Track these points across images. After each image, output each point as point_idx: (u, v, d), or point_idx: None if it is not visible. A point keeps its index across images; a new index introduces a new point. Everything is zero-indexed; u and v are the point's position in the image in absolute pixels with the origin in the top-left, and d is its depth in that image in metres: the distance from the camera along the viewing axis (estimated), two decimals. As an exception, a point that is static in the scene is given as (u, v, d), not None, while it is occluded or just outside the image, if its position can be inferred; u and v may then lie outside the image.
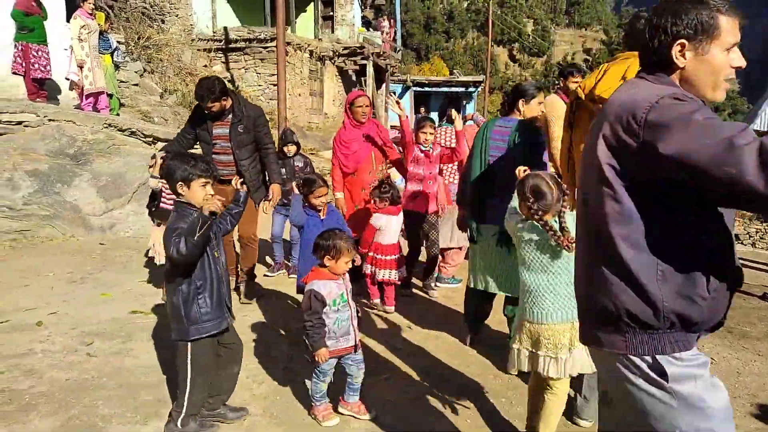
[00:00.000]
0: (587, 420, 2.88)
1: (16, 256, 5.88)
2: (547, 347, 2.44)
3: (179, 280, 2.60)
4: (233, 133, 4.46)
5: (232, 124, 4.45)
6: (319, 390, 2.89)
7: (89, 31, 8.26)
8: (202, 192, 2.62)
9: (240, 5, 16.66)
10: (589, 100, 2.71)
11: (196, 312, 2.62)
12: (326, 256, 2.80)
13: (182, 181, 2.60)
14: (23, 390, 3.12)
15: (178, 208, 2.63)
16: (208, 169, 2.65)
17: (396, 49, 22.48)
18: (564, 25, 50.30)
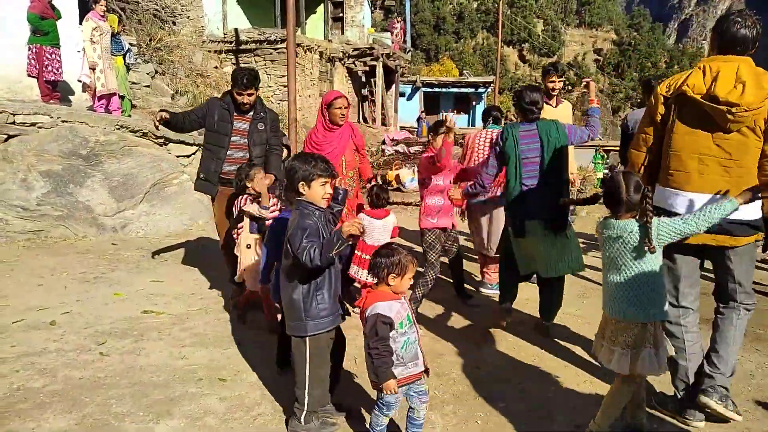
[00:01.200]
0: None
1: (31, 255, 5.95)
2: (623, 342, 2.53)
3: (300, 277, 2.65)
4: (253, 128, 4.49)
5: (253, 119, 4.48)
6: (380, 424, 2.61)
7: (101, 33, 8.35)
8: (322, 191, 2.70)
9: (250, 7, 16.74)
10: (708, 101, 2.69)
11: (315, 308, 2.67)
12: (390, 274, 2.54)
13: (303, 181, 2.67)
14: (38, 388, 3.15)
15: (300, 207, 2.68)
16: (327, 169, 2.71)
17: (406, 49, 22.48)
18: (574, 25, 50.07)
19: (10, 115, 7.06)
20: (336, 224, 2.91)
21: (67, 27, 8.66)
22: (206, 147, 4.56)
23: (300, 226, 2.59)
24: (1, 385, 3.17)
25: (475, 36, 44.19)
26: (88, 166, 7.11)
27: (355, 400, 3.11)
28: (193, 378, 3.36)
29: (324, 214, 2.71)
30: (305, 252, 2.51)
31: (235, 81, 4.30)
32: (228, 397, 3.16)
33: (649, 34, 48.20)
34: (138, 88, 11.06)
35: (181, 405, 3.05)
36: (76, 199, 6.85)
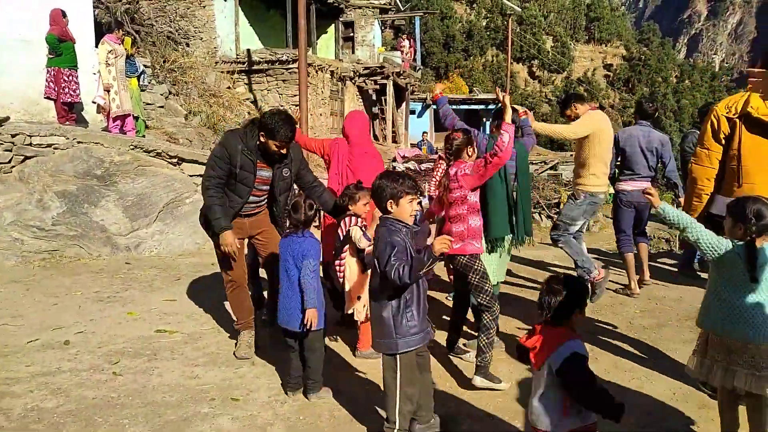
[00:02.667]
0: None
1: (46, 275, 6.00)
2: (750, 363, 2.56)
3: (390, 294, 2.68)
4: (278, 176, 3.90)
5: (276, 167, 3.87)
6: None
7: (116, 56, 8.50)
8: (410, 208, 2.74)
9: (262, 28, 16.98)
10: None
11: (404, 325, 2.68)
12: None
13: (392, 198, 2.71)
14: (51, 408, 3.16)
15: (387, 223, 2.72)
16: (415, 186, 2.77)
17: (416, 67, 22.64)
18: (584, 41, 50.13)
19: (27, 136, 7.18)
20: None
21: (83, 49, 8.82)
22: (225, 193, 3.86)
23: (389, 243, 2.62)
24: (16, 405, 3.19)
25: (485, 53, 44.40)
26: (103, 186, 7.19)
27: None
28: (206, 398, 3.36)
29: (410, 231, 2.75)
30: (394, 270, 2.54)
31: (275, 133, 3.58)
32: (240, 417, 3.15)
33: (659, 49, 48.17)
34: (152, 108, 11.21)
35: (193, 425, 3.04)
36: (90, 218, 6.92)
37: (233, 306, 4.09)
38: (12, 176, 6.96)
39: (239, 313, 4.04)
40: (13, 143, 7.06)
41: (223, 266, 3.98)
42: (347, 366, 3.87)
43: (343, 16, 19.20)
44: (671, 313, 4.98)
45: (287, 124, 3.60)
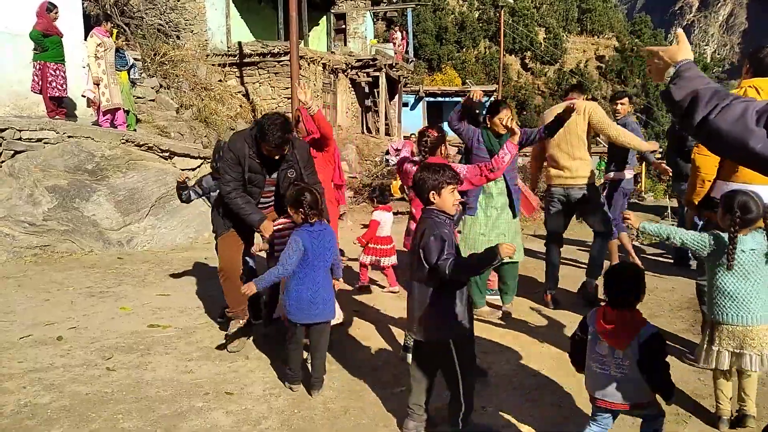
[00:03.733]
0: None
1: (38, 270, 5.97)
2: (753, 346, 2.76)
3: (437, 284, 2.71)
4: (283, 179, 3.84)
5: (281, 170, 3.82)
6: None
7: (105, 49, 8.42)
8: (452, 198, 2.77)
9: (254, 20, 16.87)
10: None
11: (452, 313, 2.72)
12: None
13: (433, 190, 2.74)
14: (45, 404, 3.15)
15: (432, 215, 2.76)
16: (455, 176, 2.80)
17: (408, 60, 22.57)
18: (576, 32, 50.04)
19: (16, 131, 7.12)
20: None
21: (71, 42, 8.73)
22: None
23: (437, 236, 2.65)
24: (9, 401, 3.17)
25: (477, 45, 44.26)
26: (94, 181, 7.14)
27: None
28: (200, 392, 3.36)
29: (452, 221, 2.81)
30: (448, 264, 2.59)
31: (265, 137, 3.54)
32: (234, 411, 3.15)
33: (651, 40, 48.21)
34: (143, 102, 11.14)
35: (188, 419, 3.04)
36: (82, 213, 6.88)
37: (227, 292, 3.98)
38: (2, 171, 6.91)
39: (232, 302, 3.96)
40: (3, 138, 7.00)
41: (219, 252, 4.02)
42: (340, 358, 3.88)
43: (335, 8, 19.11)
44: (664, 304, 5.02)
45: (279, 128, 3.50)
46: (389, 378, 3.59)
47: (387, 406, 3.22)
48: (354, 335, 4.34)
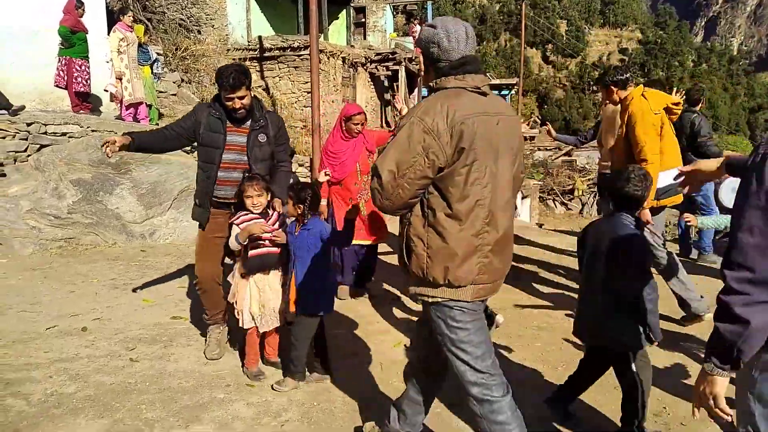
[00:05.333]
0: None
1: (63, 263, 6.07)
2: None
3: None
4: (252, 142, 3.56)
5: (252, 130, 3.56)
6: None
7: (128, 44, 8.51)
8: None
9: (274, 15, 16.92)
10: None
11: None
12: None
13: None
14: (71, 394, 3.21)
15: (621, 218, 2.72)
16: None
17: (428, 53, 22.47)
18: (598, 25, 49.44)
19: (42, 125, 7.24)
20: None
21: (95, 38, 8.85)
22: (198, 165, 3.64)
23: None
24: (36, 390, 3.24)
25: (498, 38, 43.97)
26: (117, 174, 7.24)
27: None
28: (221, 384, 3.40)
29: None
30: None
31: (218, 82, 3.39)
32: (255, 403, 3.18)
33: (676, 32, 47.36)
34: (165, 96, 11.25)
35: (209, 411, 3.08)
36: (105, 206, 6.98)
37: (205, 299, 3.82)
38: (28, 165, 7.03)
39: (210, 308, 3.83)
40: (29, 132, 7.13)
41: (196, 261, 3.78)
42: (361, 350, 3.89)
43: (355, 2, 19.08)
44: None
45: (234, 69, 3.37)
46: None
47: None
48: (375, 328, 4.35)
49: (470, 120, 2.03)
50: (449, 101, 2.04)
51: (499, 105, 2.21)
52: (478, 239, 2.09)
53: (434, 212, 2.09)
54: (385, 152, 2.10)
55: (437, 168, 2.03)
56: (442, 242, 2.06)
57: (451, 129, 2.00)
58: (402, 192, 2.05)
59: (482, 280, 2.13)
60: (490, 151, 2.09)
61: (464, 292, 2.11)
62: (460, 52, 2.13)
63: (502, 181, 2.14)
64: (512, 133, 2.21)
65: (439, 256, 2.08)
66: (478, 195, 2.07)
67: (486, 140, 2.07)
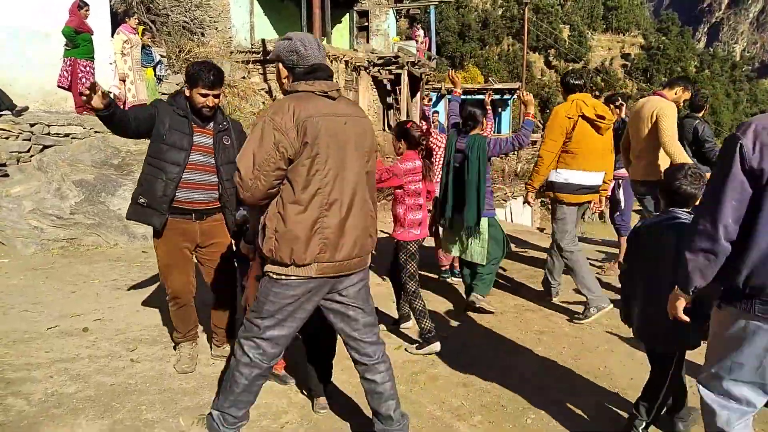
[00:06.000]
0: None
1: (65, 263, 6.08)
2: None
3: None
4: (218, 144, 3.45)
5: (217, 132, 3.46)
6: None
7: (132, 46, 8.55)
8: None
9: (277, 18, 16.97)
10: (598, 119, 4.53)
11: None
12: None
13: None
14: (71, 394, 3.21)
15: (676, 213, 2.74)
16: None
17: (431, 57, 22.50)
18: (601, 30, 49.49)
19: (45, 126, 7.27)
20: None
21: (99, 39, 8.88)
22: (151, 163, 3.36)
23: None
24: (37, 390, 3.24)
25: (501, 43, 44.05)
26: (120, 176, 7.26)
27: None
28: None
29: None
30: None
31: (197, 77, 3.26)
32: (255, 405, 3.16)
33: (679, 38, 47.37)
34: (168, 98, 11.27)
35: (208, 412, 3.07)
36: (107, 207, 7.00)
37: (175, 320, 3.65)
38: (31, 165, 7.06)
39: (182, 326, 3.66)
40: (32, 132, 7.15)
41: (162, 277, 3.54)
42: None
43: (358, 6, 19.11)
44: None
45: (210, 66, 3.32)
46: (408, 376, 3.59)
47: (406, 403, 3.22)
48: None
49: (314, 119, 2.32)
50: (296, 102, 2.34)
51: (349, 108, 2.53)
52: (318, 223, 2.36)
53: (282, 200, 2.36)
54: (243, 149, 2.36)
55: (288, 160, 2.31)
56: (286, 226, 2.34)
57: (297, 126, 2.29)
58: (260, 184, 2.31)
59: (324, 259, 2.39)
60: (335, 147, 2.39)
61: (309, 269, 2.37)
62: (314, 59, 2.47)
63: (348, 174, 2.44)
64: (362, 133, 2.53)
65: (284, 238, 2.34)
66: (319, 184, 2.35)
67: (331, 137, 2.37)
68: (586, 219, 9.88)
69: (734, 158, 1.95)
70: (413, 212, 4.00)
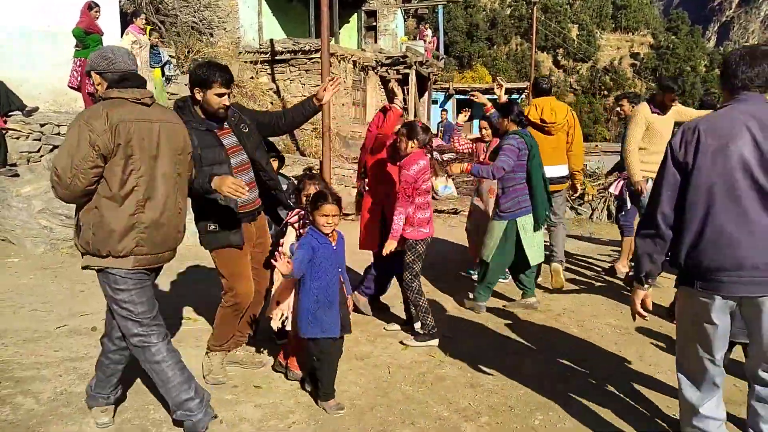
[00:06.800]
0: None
1: (73, 262, 6.12)
2: None
3: None
4: (241, 135, 3.34)
5: (234, 126, 3.34)
6: None
7: (140, 47, 8.59)
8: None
9: (285, 18, 16.99)
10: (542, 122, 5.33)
11: None
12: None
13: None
14: (80, 393, 3.23)
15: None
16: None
17: (438, 57, 22.46)
18: (610, 29, 49.12)
19: (55, 126, 7.32)
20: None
21: (108, 40, 8.93)
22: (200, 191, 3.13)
23: None
24: (46, 389, 3.27)
25: (509, 42, 43.87)
26: (129, 176, 7.30)
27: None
28: (229, 385, 3.40)
29: None
30: None
31: (211, 78, 3.14)
32: (263, 405, 3.18)
33: (688, 37, 46.98)
34: (177, 99, 11.30)
35: (217, 411, 3.08)
36: (116, 207, 7.03)
37: (219, 329, 3.46)
38: (41, 165, 7.11)
39: (220, 338, 3.48)
40: (42, 132, 7.20)
41: (229, 284, 3.35)
42: (366, 355, 3.88)
43: (366, 5, 19.11)
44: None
45: (221, 66, 3.24)
46: (415, 376, 3.58)
47: (413, 403, 3.21)
48: (382, 332, 4.34)
49: (125, 123, 2.51)
50: (109, 108, 2.53)
51: (163, 115, 2.73)
52: (134, 218, 2.56)
53: (99, 196, 2.54)
54: (59, 151, 2.55)
55: (104, 158, 2.49)
56: (103, 221, 2.52)
57: (109, 129, 2.47)
58: (79, 182, 2.48)
59: (141, 252, 2.60)
60: (148, 150, 2.58)
61: (126, 261, 2.59)
62: (124, 66, 2.65)
63: (161, 175, 2.63)
64: (175, 138, 2.72)
65: (101, 232, 2.53)
66: (134, 183, 2.55)
67: (144, 140, 2.57)
68: (594, 219, 9.81)
69: (667, 156, 2.34)
70: (422, 211, 4.00)
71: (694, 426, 2.43)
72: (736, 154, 2.17)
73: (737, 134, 2.19)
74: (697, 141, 2.25)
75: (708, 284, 2.25)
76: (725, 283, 2.20)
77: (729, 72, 2.33)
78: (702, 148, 2.23)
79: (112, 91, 2.62)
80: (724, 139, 2.20)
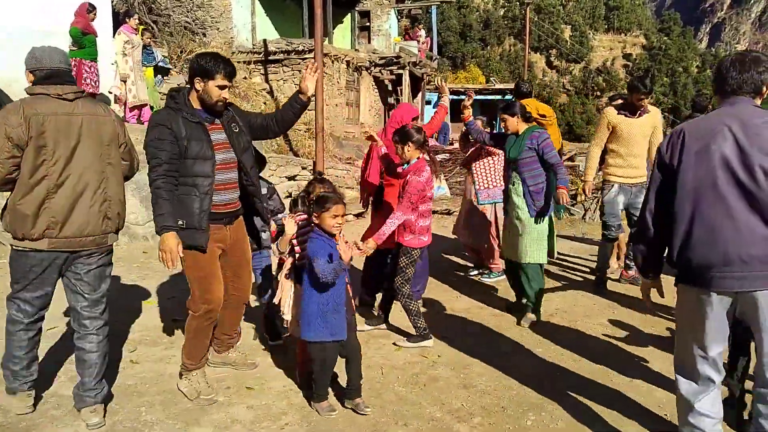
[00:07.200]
0: None
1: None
2: None
3: None
4: (231, 134, 3.21)
5: (226, 124, 3.23)
6: None
7: (133, 47, 8.55)
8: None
9: (279, 18, 16.96)
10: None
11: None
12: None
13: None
14: (70, 395, 3.20)
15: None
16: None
17: (432, 57, 22.48)
18: (603, 30, 49.29)
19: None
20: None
21: (101, 40, 8.89)
22: (180, 182, 3.06)
23: None
24: (36, 392, 3.24)
25: (502, 43, 43.94)
26: (121, 176, 7.25)
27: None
28: (222, 386, 3.39)
29: None
30: None
31: (214, 69, 3.04)
32: (255, 406, 3.18)
33: (680, 38, 47.20)
34: (169, 98, 11.25)
35: (209, 413, 3.07)
36: (108, 208, 6.99)
37: (193, 344, 3.23)
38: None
39: (197, 354, 3.25)
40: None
41: (199, 288, 3.15)
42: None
43: (360, 6, 19.11)
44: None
45: (224, 59, 3.13)
46: (408, 377, 3.59)
47: (406, 404, 3.21)
48: (375, 332, 4.34)
49: (38, 116, 2.72)
50: (27, 104, 2.76)
51: (88, 108, 2.90)
52: (45, 204, 2.76)
53: (16, 183, 2.78)
54: None
55: (19, 148, 2.71)
56: (17, 205, 2.75)
57: (24, 122, 2.70)
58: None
59: (54, 234, 2.79)
60: (65, 141, 2.78)
61: (41, 243, 2.79)
62: (51, 63, 2.86)
63: (80, 164, 2.83)
64: (100, 129, 2.91)
65: (16, 215, 2.76)
66: (45, 172, 2.75)
67: (61, 132, 2.77)
68: (587, 219, 9.85)
69: (656, 158, 2.51)
70: (424, 219, 3.98)
71: (690, 423, 2.45)
72: (717, 153, 2.26)
73: (718, 134, 2.28)
74: (682, 143, 2.37)
75: (701, 281, 2.32)
76: (717, 278, 2.27)
77: (720, 77, 2.42)
78: (686, 149, 2.34)
79: (35, 88, 2.84)
80: (705, 139, 2.30)
